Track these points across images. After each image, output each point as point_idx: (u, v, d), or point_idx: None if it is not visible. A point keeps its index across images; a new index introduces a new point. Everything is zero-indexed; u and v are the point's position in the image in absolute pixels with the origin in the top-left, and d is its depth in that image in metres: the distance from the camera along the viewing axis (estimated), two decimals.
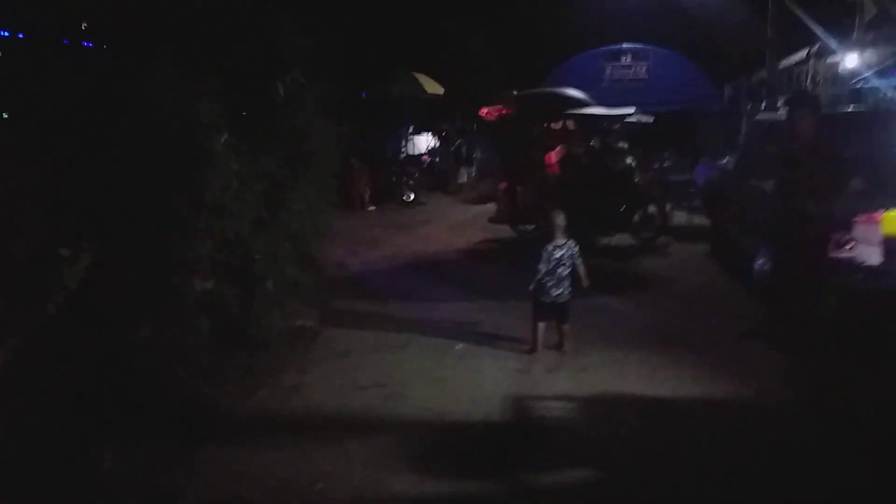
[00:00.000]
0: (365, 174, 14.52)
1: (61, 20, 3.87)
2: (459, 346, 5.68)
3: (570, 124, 10.53)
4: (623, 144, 9.73)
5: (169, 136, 4.63)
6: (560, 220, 5.33)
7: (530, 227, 10.41)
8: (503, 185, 10.33)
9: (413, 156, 17.99)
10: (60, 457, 3.61)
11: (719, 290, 7.42)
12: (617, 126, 9.75)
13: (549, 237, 5.36)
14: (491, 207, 14.58)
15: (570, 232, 5.52)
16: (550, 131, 10.40)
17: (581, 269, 5.38)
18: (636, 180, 9.83)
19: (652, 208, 9.91)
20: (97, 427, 3.84)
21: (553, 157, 9.99)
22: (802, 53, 13.70)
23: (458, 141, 17.73)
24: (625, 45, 15.28)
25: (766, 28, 14.21)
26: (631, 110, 9.73)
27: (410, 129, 18.80)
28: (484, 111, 10.42)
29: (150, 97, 4.63)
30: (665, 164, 11.50)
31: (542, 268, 5.30)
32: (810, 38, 13.18)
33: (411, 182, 15.24)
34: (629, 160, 9.71)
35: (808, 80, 13.07)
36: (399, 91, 17.43)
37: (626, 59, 15.18)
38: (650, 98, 13.91)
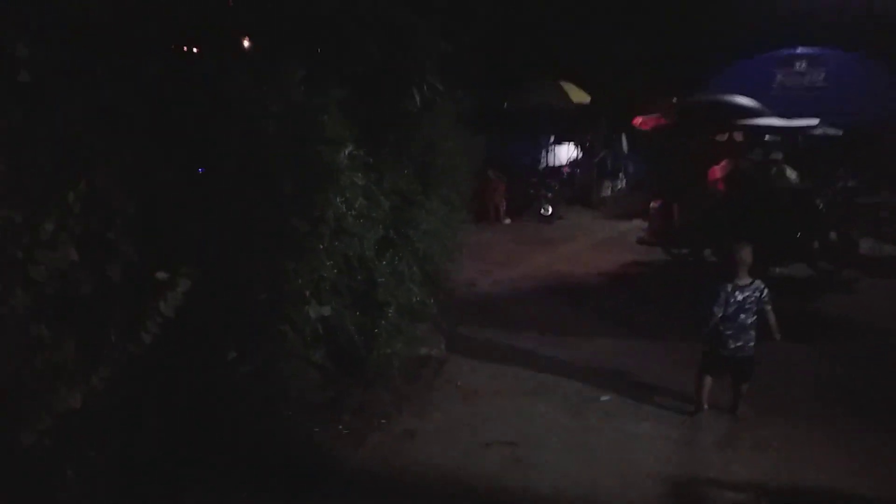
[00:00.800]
0: (501, 186, 13.83)
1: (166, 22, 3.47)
2: (605, 398, 4.78)
3: (738, 136, 9.20)
4: (777, 155, 8.33)
5: (288, 148, 4.16)
6: (746, 254, 4.27)
7: (687, 251, 9.22)
8: (657, 203, 9.20)
9: (553, 167, 17.09)
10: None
11: None
12: (800, 139, 8.35)
13: (731, 274, 4.31)
14: (638, 224, 13.42)
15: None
16: (715, 143, 9.13)
17: (771, 319, 4.30)
18: (816, 202, 8.37)
19: (833, 235, 8.40)
20: (187, 471, 3.39)
21: (718, 171, 8.75)
22: None
23: (603, 152, 16.57)
24: (800, 50, 13.44)
25: None
26: (815, 122, 8.28)
27: (551, 140, 17.92)
28: (638, 121, 9.35)
29: (266, 104, 4.19)
30: (849, 184, 9.78)
31: (718, 311, 4.28)
32: None
33: (550, 195, 14.35)
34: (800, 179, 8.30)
35: None
36: (543, 100, 16.58)
37: (801, 66, 13.35)
38: (827, 108, 12.07)
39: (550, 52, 17.47)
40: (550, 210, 14.10)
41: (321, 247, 4.25)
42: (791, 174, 8.39)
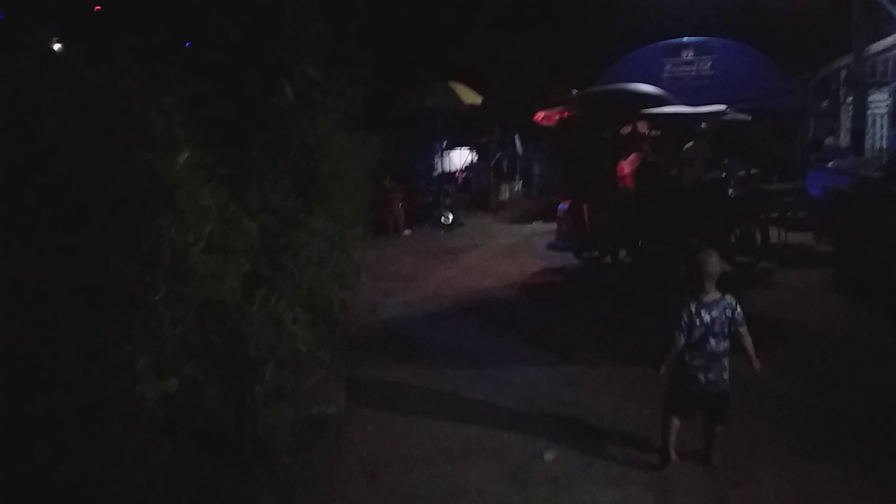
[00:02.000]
0: (398, 195, 12.74)
1: None
2: (549, 455, 3.75)
3: (643, 127, 8.56)
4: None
5: (96, 157, 2.85)
6: (711, 264, 3.35)
7: (598, 253, 8.49)
8: (565, 204, 8.40)
9: (449, 172, 16.19)
10: None
11: (881, 341, 5.39)
12: (704, 126, 7.79)
13: (694, 290, 3.39)
14: (539, 227, 12.72)
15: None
16: (622, 136, 8.47)
17: (748, 343, 3.42)
18: (729, 192, 7.86)
19: (747, 226, 7.92)
20: None
21: (626, 167, 8.07)
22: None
23: (498, 154, 15.84)
24: (685, 39, 13.21)
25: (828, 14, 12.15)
26: (723, 107, 7.76)
27: (444, 144, 17.03)
28: (540, 115, 8.54)
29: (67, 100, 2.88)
30: (752, 171, 9.44)
31: (680, 338, 3.35)
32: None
33: (449, 201, 13.40)
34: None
35: None
36: (433, 102, 15.62)
37: (688, 55, 13.09)
38: (717, 98, 11.83)
39: (438, 52, 16.59)
40: (451, 218, 13.15)
41: (155, 297, 2.97)
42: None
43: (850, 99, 15.35)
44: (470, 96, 15.85)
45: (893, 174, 5.68)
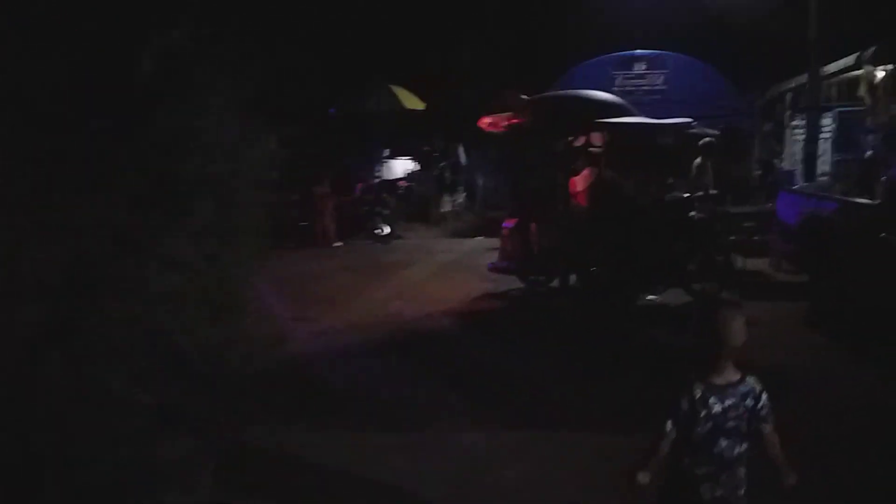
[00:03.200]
0: (330, 203, 11.46)
1: None
2: None
3: (597, 138, 7.54)
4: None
5: None
6: (736, 330, 2.17)
7: (545, 278, 7.44)
8: (511, 222, 7.33)
9: (389, 181, 14.99)
10: None
11: (881, 397, 4.47)
12: (670, 140, 6.87)
13: (702, 365, 2.26)
14: (482, 243, 11.65)
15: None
16: (573, 149, 7.45)
17: (775, 447, 2.31)
18: (691, 214, 6.95)
19: (710, 251, 7.03)
20: None
21: (579, 183, 7.06)
22: (850, 59, 11.04)
23: (442, 164, 14.73)
24: (638, 52, 12.47)
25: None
26: (688, 120, 6.86)
27: (386, 152, 15.86)
28: (486, 121, 7.45)
29: None
30: (711, 192, 8.60)
31: (671, 432, 2.23)
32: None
33: (386, 212, 12.19)
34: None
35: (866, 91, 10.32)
36: (373, 106, 14.42)
37: (640, 68, 12.36)
38: (668, 114, 11.08)
39: (380, 54, 15.40)
40: (387, 229, 11.94)
41: None
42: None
43: (794, 122, 15.03)
44: (412, 101, 14.75)
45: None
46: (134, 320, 2.83)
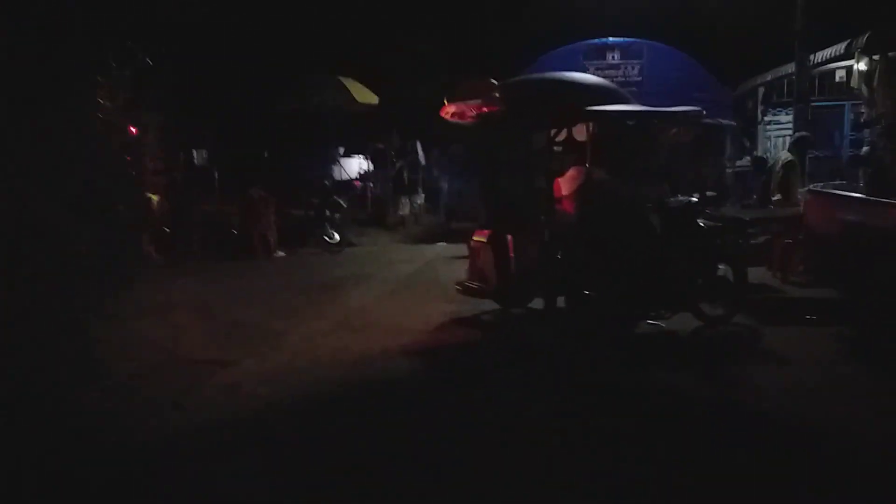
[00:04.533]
0: (269, 208, 9.81)
1: None
2: None
3: (580, 132, 6.10)
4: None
5: None
6: None
7: (530, 304, 6.00)
8: (483, 234, 5.85)
9: (341, 182, 13.41)
10: None
11: None
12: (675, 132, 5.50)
13: None
14: (445, 250, 10.19)
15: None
16: (556, 144, 6.01)
17: None
18: (701, 224, 5.62)
19: (722, 267, 5.72)
20: None
21: (564, 186, 5.62)
22: (840, 48, 9.94)
23: (399, 163, 13.20)
24: (611, 40, 11.18)
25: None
26: (696, 108, 5.51)
27: (341, 150, 14.29)
28: (450, 110, 5.96)
29: None
30: (709, 194, 7.31)
31: None
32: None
33: (337, 216, 10.59)
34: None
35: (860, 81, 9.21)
36: (322, 101, 12.78)
37: (614, 57, 11.07)
38: (646, 105, 9.82)
39: (327, 44, 13.78)
40: (338, 237, 10.35)
41: None
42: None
43: (766, 118, 14.03)
44: (365, 95, 13.14)
45: None
46: None
